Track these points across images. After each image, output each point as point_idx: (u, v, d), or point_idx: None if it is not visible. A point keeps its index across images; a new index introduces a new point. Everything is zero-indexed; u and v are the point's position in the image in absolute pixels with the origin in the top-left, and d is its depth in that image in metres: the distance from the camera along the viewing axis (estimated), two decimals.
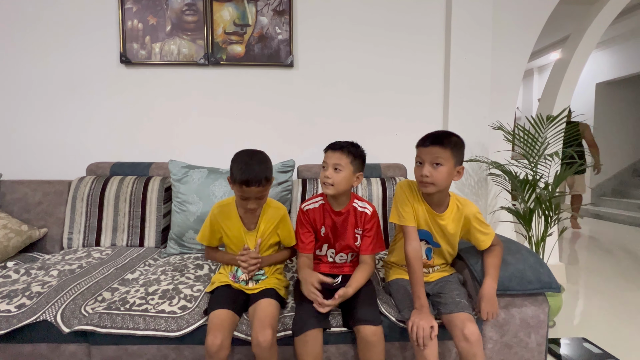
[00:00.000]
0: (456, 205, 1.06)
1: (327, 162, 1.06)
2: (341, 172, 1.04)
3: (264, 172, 0.97)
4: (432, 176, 0.95)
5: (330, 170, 1.04)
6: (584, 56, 2.94)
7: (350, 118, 1.86)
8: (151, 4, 1.74)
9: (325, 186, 1.05)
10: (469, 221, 1.05)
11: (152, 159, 1.77)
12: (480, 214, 1.06)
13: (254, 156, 1.00)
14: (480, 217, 1.06)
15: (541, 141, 1.64)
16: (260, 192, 0.97)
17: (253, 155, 1.00)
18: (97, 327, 0.94)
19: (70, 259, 1.32)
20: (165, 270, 1.21)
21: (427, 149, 0.97)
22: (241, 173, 0.95)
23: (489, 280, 0.96)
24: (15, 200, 1.53)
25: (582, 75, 3.34)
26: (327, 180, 1.04)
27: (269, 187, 1.01)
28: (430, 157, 0.96)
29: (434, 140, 0.96)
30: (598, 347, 1.43)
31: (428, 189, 0.98)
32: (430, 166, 0.96)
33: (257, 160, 0.98)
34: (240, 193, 0.98)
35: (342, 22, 1.82)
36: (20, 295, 1.03)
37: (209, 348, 0.87)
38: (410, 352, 1.02)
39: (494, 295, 0.96)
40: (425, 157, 0.97)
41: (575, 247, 3.10)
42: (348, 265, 1.13)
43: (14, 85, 1.76)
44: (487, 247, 1.04)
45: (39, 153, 1.79)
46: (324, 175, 1.05)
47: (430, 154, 0.96)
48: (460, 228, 1.06)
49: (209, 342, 0.87)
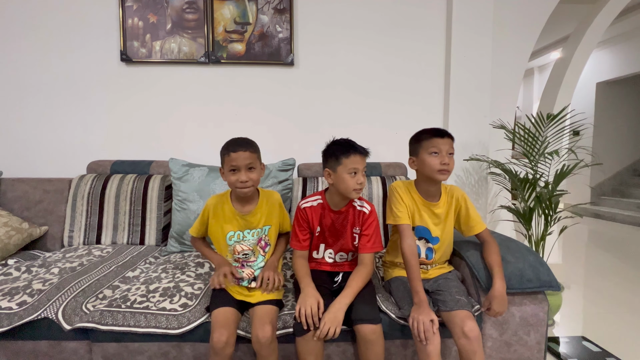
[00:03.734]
0: (445, 189, 1.13)
1: (357, 168, 1.00)
2: (453, 157, 1.04)
3: (250, 143, 1.01)
4: (450, 165, 1.03)
5: (361, 175, 1.01)
6: (584, 55, 2.94)
7: (351, 116, 1.87)
8: (152, 2, 1.74)
9: (356, 192, 1.02)
10: (458, 202, 1.11)
11: (152, 157, 1.77)
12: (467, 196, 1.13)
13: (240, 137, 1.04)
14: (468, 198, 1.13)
15: (541, 140, 1.64)
16: (248, 158, 0.97)
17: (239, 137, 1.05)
18: (98, 325, 0.95)
19: (71, 257, 1.32)
20: (166, 268, 1.22)
21: (444, 140, 1.04)
22: (228, 144, 1.00)
23: (499, 281, 0.97)
24: (16, 198, 1.54)
25: (582, 75, 3.34)
26: (361, 187, 1.02)
27: (256, 159, 1.01)
28: (447, 147, 1.03)
29: (445, 133, 1.05)
30: (597, 346, 1.44)
31: (446, 177, 1.04)
32: (447, 156, 1.03)
33: (240, 137, 1.03)
34: (230, 164, 0.97)
35: (342, 20, 1.82)
36: (22, 292, 1.04)
37: (215, 345, 0.87)
38: (412, 349, 1.02)
39: (505, 296, 0.97)
40: (443, 147, 1.03)
41: (575, 246, 3.11)
42: (348, 263, 1.13)
43: (14, 84, 1.76)
44: (482, 230, 1.08)
45: (39, 151, 1.79)
46: (357, 182, 1.00)
47: (447, 144, 1.04)
48: (453, 210, 1.11)
49: (214, 339, 0.87)
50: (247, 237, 1.05)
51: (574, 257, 2.79)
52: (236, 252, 1.04)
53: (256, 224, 1.06)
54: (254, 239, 1.06)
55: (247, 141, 1.01)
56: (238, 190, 1.00)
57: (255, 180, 1.00)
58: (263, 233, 1.07)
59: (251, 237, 1.05)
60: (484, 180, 1.89)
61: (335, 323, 0.90)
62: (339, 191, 1.04)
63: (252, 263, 1.05)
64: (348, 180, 1.00)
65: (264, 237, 1.07)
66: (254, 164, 0.99)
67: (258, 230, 1.06)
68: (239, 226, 1.05)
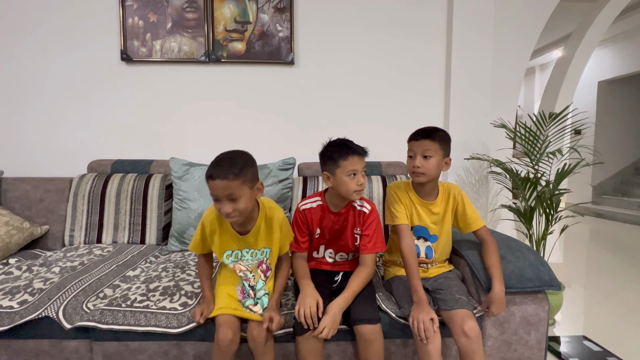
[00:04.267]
0: (443, 187, 1.13)
1: (356, 169, 0.99)
2: (431, 159, 1.02)
3: (232, 166, 0.84)
4: (423, 167, 1.03)
5: (360, 176, 0.99)
6: (586, 54, 2.93)
7: (351, 115, 1.86)
8: (152, 1, 1.74)
9: (357, 194, 1.00)
10: (456, 199, 1.11)
11: (153, 157, 1.77)
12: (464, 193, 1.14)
13: (230, 152, 0.90)
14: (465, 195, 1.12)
15: (543, 139, 1.63)
16: (226, 188, 0.82)
17: (229, 152, 0.90)
18: (99, 324, 0.95)
19: (71, 256, 1.32)
20: (166, 267, 1.22)
21: (418, 142, 1.05)
22: (210, 165, 0.86)
23: (498, 283, 0.97)
24: (16, 198, 1.54)
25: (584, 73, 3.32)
26: (362, 188, 1.00)
27: (240, 186, 0.85)
28: (421, 150, 1.04)
29: (424, 134, 1.05)
30: (598, 345, 1.44)
31: (420, 179, 1.05)
32: (421, 158, 1.04)
33: (229, 155, 0.88)
34: (210, 192, 0.86)
35: (343, 19, 1.82)
36: (23, 291, 1.04)
37: (221, 342, 0.87)
38: (412, 348, 1.02)
39: (504, 298, 0.97)
40: (417, 149, 1.05)
41: (577, 245, 3.10)
42: (348, 263, 1.13)
43: (15, 83, 1.77)
44: (480, 227, 1.08)
45: (40, 150, 1.80)
46: (358, 184, 0.99)
47: (421, 146, 1.04)
48: (450, 208, 1.11)
49: (220, 337, 0.88)
50: (245, 256, 0.99)
51: (575, 256, 2.78)
52: (236, 271, 0.99)
53: (254, 245, 0.98)
54: (253, 260, 0.99)
55: (230, 163, 0.85)
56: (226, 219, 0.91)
57: (242, 210, 0.86)
58: (264, 256, 1.00)
59: (250, 257, 0.99)
60: (485, 180, 1.89)
61: (334, 326, 0.90)
62: (339, 194, 1.02)
63: (253, 286, 0.98)
64: (348, 183, 0.98)
65: (266, 261, 1.00)
66: (237, 193, 0.84)
67: (257, 251, 0.99)
68: (237, 245, 0.98)
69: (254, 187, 0.90)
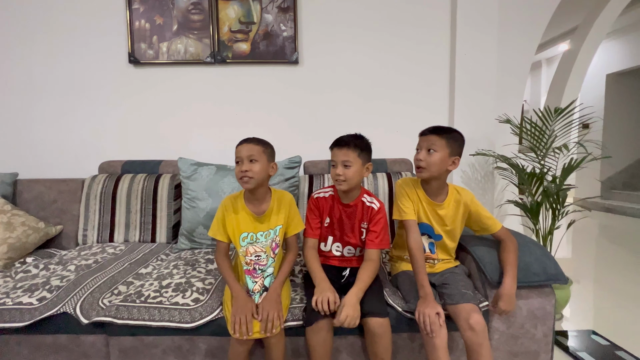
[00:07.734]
0: (455, 191, 1.12)
1: (335, 161, 1.07)
2: (351, 168, 1.05)
3: (258, 139, 1.04)
4: (425, 160, 1.04)
5: (340, 167, 1.05)
6: (593, 46, 2.88)
7: (356, 113, 1.87)
8: (158, 4, 1.77)
9: (337, 183, 1.07)
10: (468, 207, 1.10)
11: (161, 157, 1.81)
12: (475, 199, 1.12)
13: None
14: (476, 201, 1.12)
15: (549, 134, 1.62)
16: (250, 149, 1.00)
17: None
18: (115, 319, 0.98)
19: (86, 255, 1.36)
20: (177, 265, 1.25)
21: (425, 137, 1.07)
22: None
23: (509, 280, 0.97)
24: (31, 199, 1.59)
25: (592, 66, 3.28)
26: (339, 178, 1.06)
27: (261, 153, 1.01)
28: (426, 144, 1.05)
29: (432, 130, 1.06)
30: (606, 339, 1.43)
31: (422, 174, 1.06)
32: (425, 152, 1.05)
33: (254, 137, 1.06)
34: (235, 156, 1.02)
35: (346, 18, 1.83)
36: (41, 288, 1.08)
37: (239, 337, 0.91)
38: (418, 342, 1.04)
39: (514, 295, 0.97)
40: (423, 144, 1.06)
41: (585, 240, 3.07)
42: (356, 258, 1.15)
43: (27, 87, 1.81)
44: (498, 229, 1.08)
45: (53, 152, 1.84)
46: (335, 173, 1.06)
47: (427, 141, 1.05)
48: (461, 215, 1.11)
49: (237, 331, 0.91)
50: (260, 239, 1.04)
51: (583, 251, 2.76)
52: (248, 254, 1.02)
53: (268, 225, 1.06)
54: (267, 241, 1.04)
55: (255, 137, 1.05)
56: (241, 183, 1.01)
57: (256, 172, 0.99)
58: (275, 234, 1.06)
59: (264, 239, 1.04)
60: (491, 175, 1.88)
61: (356, 314, 0.92)
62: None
63: (264, 266, 1.02)
64: (331, 172, 1.08)
65: (275, 238, 1.06)
66: (257, 156, 1.00)
67: (271, 231, 1.05)
68: (253, 227, 1.04)
69: (270, 161, 1.05)
